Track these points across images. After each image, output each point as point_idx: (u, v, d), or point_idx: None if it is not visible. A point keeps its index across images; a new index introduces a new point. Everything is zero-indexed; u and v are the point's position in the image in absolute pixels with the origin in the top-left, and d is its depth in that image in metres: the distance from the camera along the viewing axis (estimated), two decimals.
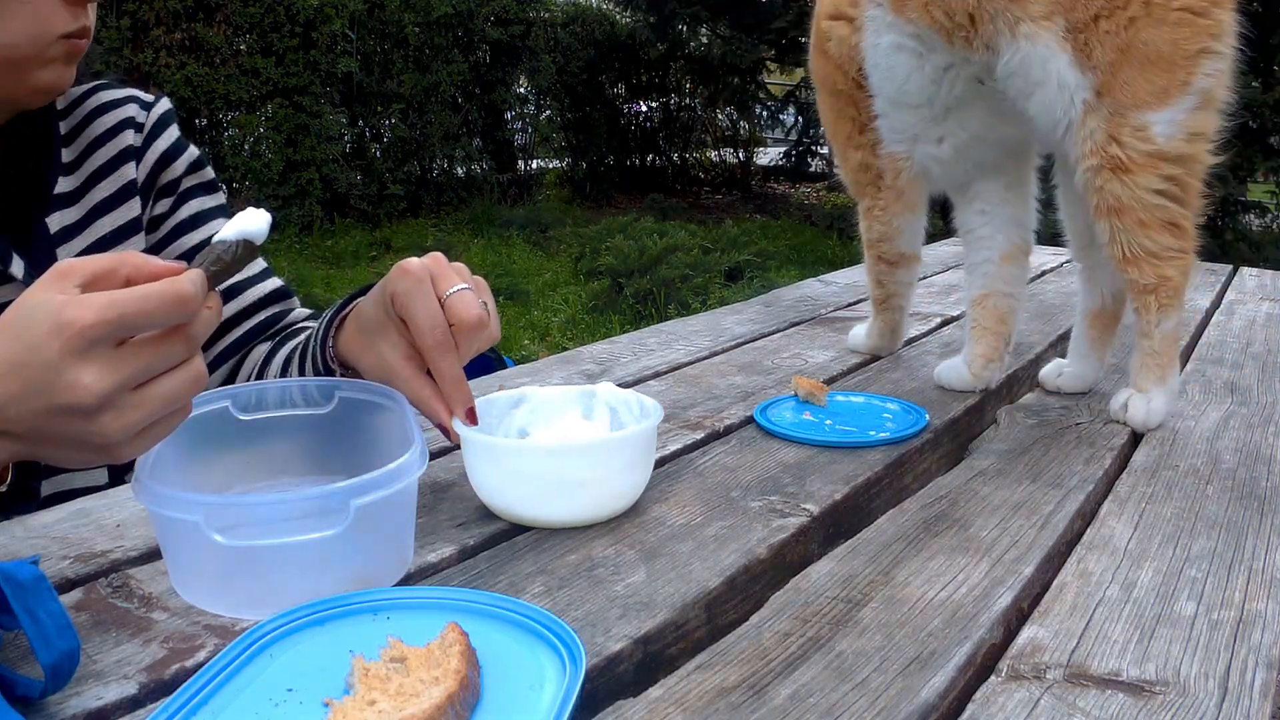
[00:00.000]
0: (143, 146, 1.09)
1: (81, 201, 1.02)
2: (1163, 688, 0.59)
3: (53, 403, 0.61)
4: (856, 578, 0.71)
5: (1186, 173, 0.99)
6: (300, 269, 5.74)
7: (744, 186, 10.49)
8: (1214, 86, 0.98)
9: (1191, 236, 1.01)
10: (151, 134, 1.10)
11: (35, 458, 0.67)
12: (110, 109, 1.08)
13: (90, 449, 0.63)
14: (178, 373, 0.63)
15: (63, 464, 0.73)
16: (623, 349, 1.32)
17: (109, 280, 0.62)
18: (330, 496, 0.62)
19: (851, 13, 1.16)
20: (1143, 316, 1.03)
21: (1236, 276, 1.97)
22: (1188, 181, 0.99)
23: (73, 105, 1.06)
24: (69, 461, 0.67)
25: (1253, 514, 0.84)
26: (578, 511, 0.77)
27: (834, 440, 0.96)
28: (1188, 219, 1.00)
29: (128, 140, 1.08)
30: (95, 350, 0.60)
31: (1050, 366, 1.22)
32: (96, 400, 0.60)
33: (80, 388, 0.60)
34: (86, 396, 0.60)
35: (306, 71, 6.69)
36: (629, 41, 9.65)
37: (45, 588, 0.54)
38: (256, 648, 0.56)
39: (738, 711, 0.55)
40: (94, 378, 0.60)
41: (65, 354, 0.60)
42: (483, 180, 8.30)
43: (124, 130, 1.08)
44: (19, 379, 0.61)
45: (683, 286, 5.16)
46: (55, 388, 0.60)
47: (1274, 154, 6.31)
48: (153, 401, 0.63)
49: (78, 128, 1.06)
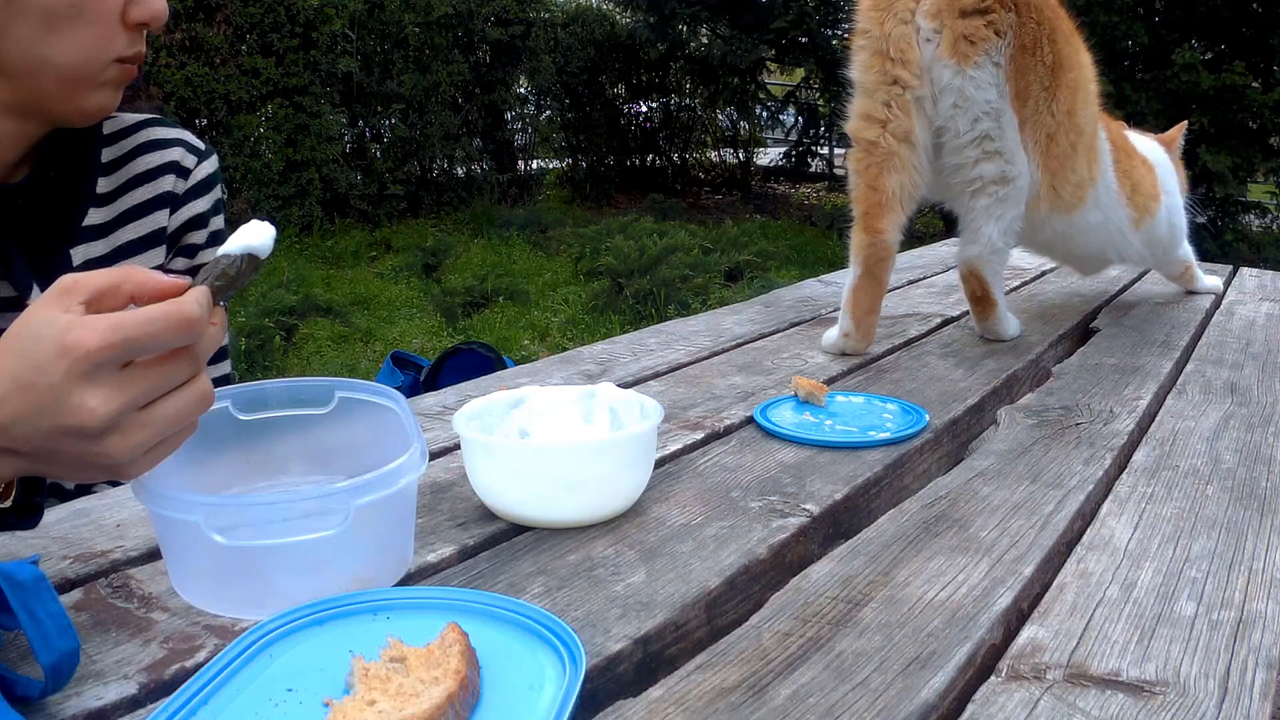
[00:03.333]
0: (182, 198, 1.07)
1: (109, 238, 1.00)
2: (1163, 688, 0.59)
3: (58, 424, 0.60)
4: (856, 578, 0.71)
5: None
6: (300, 269, 5.73)
7: (744, 187, 10.49)
8: None
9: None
10: (194, 190, 1.08)
11: (41, 475, 0.67)
12: (157, 148, 1.06)
13: (96, 469, 0.63)
14: (183, 392, 0.63)
15: (69, 481, 0.73)
16: (623, 349, 1.32)
17: (112, 297, 0.62)
18: (330, 496, 0.63)
19: None
20: None
21: (1236, 276, 1.97)
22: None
23: (120, 134, 1.04)
24: (75, 479, 0.67)
25: (1253, 514, 0.84)
26: (578, 511, 0.77)
27: (834, 440, 0.96)
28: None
29: (167, 185, 1.05)
30: (100, 373, 0.60)
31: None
32: (102, 423, 0.60)
33: (85, 411, 0.60)
34: (91, 419, 0.60)
35: (306, 71, 6.69)
36: (629, 41, 9.65)
37: (45, 588, 0.54)
38: (256, 648, 0.56)
39: (738, 711, 0.55)
40: (99, 401, 0.60)
41: (70, 377, 0.59)
42: (483, 180, 8.30)
43: (166, 174, 1.05)
44: (24, 398, 0.60)
45: (683, 286, 5.16)
46: (61, 410, 0.60)
47: (1274, 154, 6.31)
48: (159, 422, 0.62)
49: (121, 159, 1.03)
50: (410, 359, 1.97)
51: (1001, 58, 1.22)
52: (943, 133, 1.27)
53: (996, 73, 1.22)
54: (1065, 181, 1.35)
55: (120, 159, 1.03)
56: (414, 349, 4.37)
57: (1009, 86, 1.23)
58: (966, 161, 1.27)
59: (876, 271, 1.29)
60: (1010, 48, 1.22)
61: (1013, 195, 1.28)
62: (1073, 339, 1.49)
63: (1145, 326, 1.51)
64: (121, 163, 1.03)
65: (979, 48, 1.21)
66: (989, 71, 1.21)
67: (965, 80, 1.22)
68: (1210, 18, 6.14)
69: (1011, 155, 1.26)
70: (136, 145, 1.04)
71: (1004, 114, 1.24)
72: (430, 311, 5.25)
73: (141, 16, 0.90)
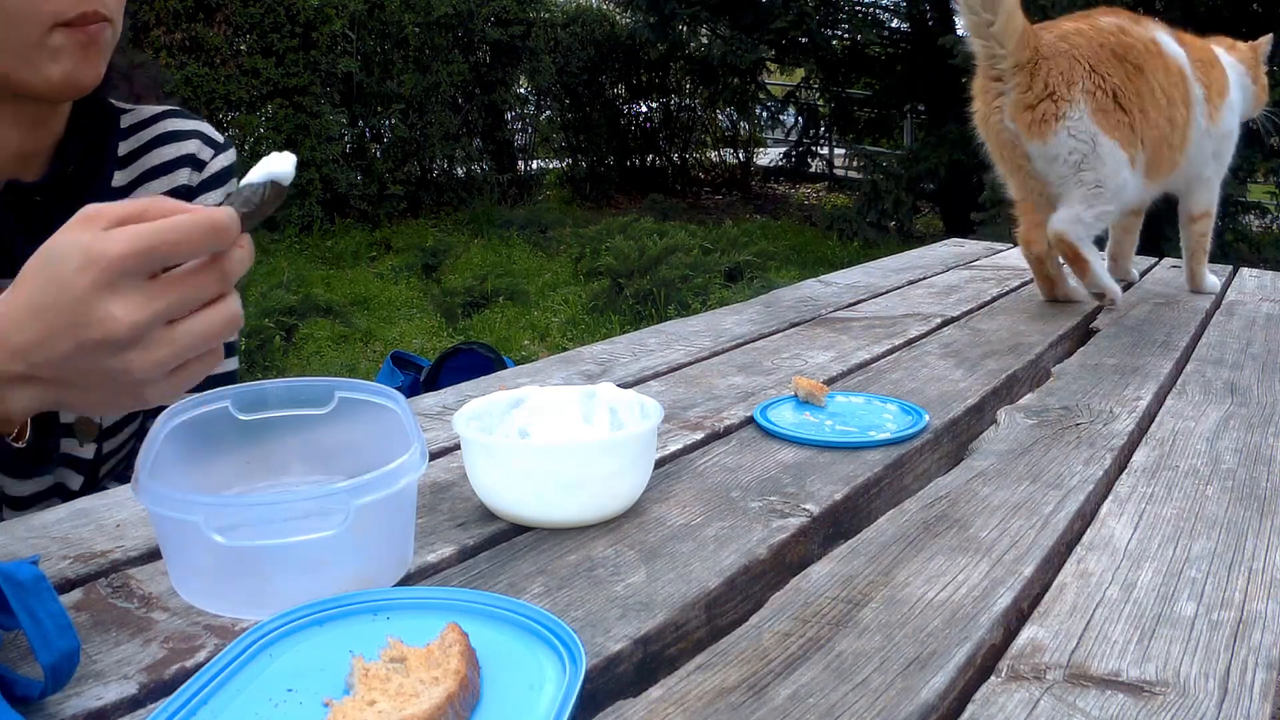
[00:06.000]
0: (195, 190, 1.04)
1: None
2: (1163, 688, 0.59)
3: (82, 339, 0.59)
4: (856, 578, 0.71)
5: None
6: (300, 269, 5.74)
7: (744, 187, 10.50)
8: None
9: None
10: (207, 184, 1.05)
11: (62, 405, 0.65)
12: (173, 140, 1.03)
13: (119, 389, 0.62)
14: (211, 310, 0.62)
15: (90, 410, 0.70)
16: (623, 349, 1.32)
17: (137, 222, 0.61)
18: (330, 496, 0.62)
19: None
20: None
21: (1236, 276, 1.97)
22: None
23: (138, 127, 1.03)
24: (96, 407, 0.65)
25: (1253, 514, 0.84)
26: (578, 511, 0.77)
27: (834, 441, 0.96)
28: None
29: (182, 179, 1.03)
30: (126, 282, 0.59)
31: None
32: (128, 332, 0.59)
33: (111, 321, 0.59)
34: (117, 329, 0.59)
35: (306, 71, 6.69)
36: (629, 42, 9.65)
37: (45, 588, 0.54)
38: (256, 648, 0.56)
39: (738, 712, 0.55)
40: (124, 310, 0.59)
41: (96, 287, 0.58)
42: (483, 180, 8.30)
43: (181, 167, 1.03)
44: (46, 320, 0.60)
45: (683, 287, 5.16)
46: (85, 323, 0.59)
47: (1274, 154, 6.31)
48: (185, 338, 0.61)
49: (137, 152, 1.02)
50: (410, 359, 1.97)
51: (1083, 113, 1.50)
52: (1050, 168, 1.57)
53: (1081, 125, 1.50)
54: (1165, 151, 1.60)
55: (136, 151, 1.02)
56: (414, 349, 4.37)
57: (1101, 129, 1.50)
58: (1069, 175, 1.54)
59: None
60: (1087, 108, 1.50)
61: (1104, 196, 1.52)
62: (1073, 339, 1.49)
63: (1145, 326, 1.51)
64: (137, 155, 1.02)
65: (1052, 125, 1.50)
66: (1066, 134, 1.50)
67: (1048, 147, 1.52)
68: (1210, 17, 6.13)
69: (1105, 175, 1.51)
70: (153, 137, 1.03)
71: (1099, 143, 1.50)
72: (430, 311, 5.25)
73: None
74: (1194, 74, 1.63)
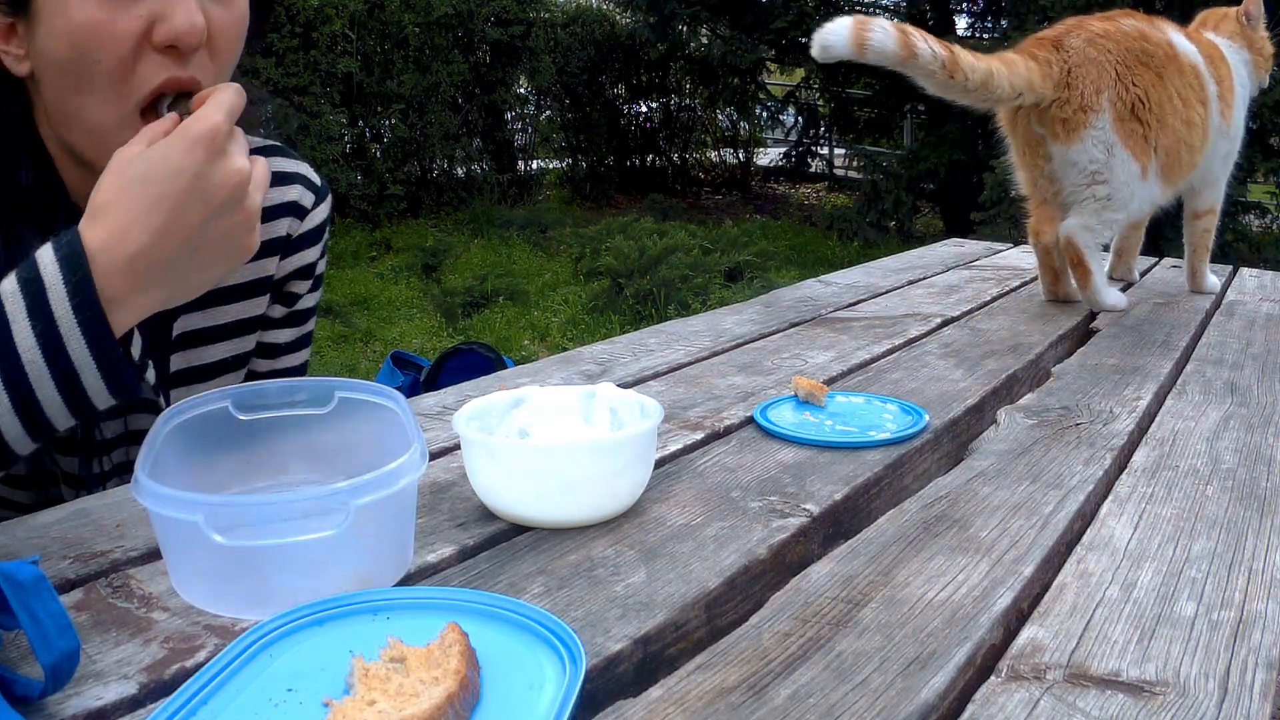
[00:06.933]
0: (295, 243, 1.00)
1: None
2: (1163, 688, 0.59)
3: (212, 200, 0.70)
4: (856, 578, 0.71)
5: None
6: None
7: (744, 187, 10.50)
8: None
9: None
10: (308, 237, 1.01)
11: (172, 301, 0.74)
12: (276, 183, 0.98)
13: (236, 245, 0.74)
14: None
15: (197, 291, 0.78)
16: (623, 349, 1.32)
17: (164, 132, 0.72)
18: (330, 496, 0.62)
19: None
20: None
21: (1236, 277, 1.97)
22: None
23: None
24: (204, 283, 0.76)
25: (1253, 514, 0.84)
26: (578, 511, 0.77)
27: (834, 441, 0.96)
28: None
29: (282, 229, 0.98)
30: (229, 142, 0.71)
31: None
32: (248, 177, 0.71)
33: (234, 171, 0.71)
34: (241, 177, 0.71)
35: (306, 71, 6.69)
36: (629, 42, 9.65)
37: (45, 588, 0.54)
38: (256, 648, 0.56)
39: (738, 712, 0.55)
40: (241, 160, 0.71)
41: (211, 157, 0.69)
42: (483, 180, 8.30)
43: (283, 216, 0.99)
44: (162, 211, 0.68)
45: (683, 287, 5.16)
46: (211, 189, 0.70)
47: (1274, 154, 6.31)
48: (260, 172, 0.74)
49: None
50: (410, 359, 1.96)
51: (1106, 121, 1.51)
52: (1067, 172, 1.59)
53: (1104, 134, 1.52)
54: (1184, 153, 1.61)
55: None
56: (414, 349, 4.37)
57: (1119, 139, 1.52)
58: (1083, 184, 1.57)
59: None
60: (1110, 115, 1.51)
61: (1113, 205, 1.54)
62: (1073, 339, 1.49)
63: (1145, 327, 1.51)
64: None
65: (1080, 133, 1.52)
66: (1090, 143, 1.52)
67: (1071, 152, 1.54)
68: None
69: (1116, 186, 1.53)
70: None
71: (1115, 153, 1.52)
72: (430, 311, 5.25)
73: (163, 38, 0.78)
74: (1208, 70, 1.63)
